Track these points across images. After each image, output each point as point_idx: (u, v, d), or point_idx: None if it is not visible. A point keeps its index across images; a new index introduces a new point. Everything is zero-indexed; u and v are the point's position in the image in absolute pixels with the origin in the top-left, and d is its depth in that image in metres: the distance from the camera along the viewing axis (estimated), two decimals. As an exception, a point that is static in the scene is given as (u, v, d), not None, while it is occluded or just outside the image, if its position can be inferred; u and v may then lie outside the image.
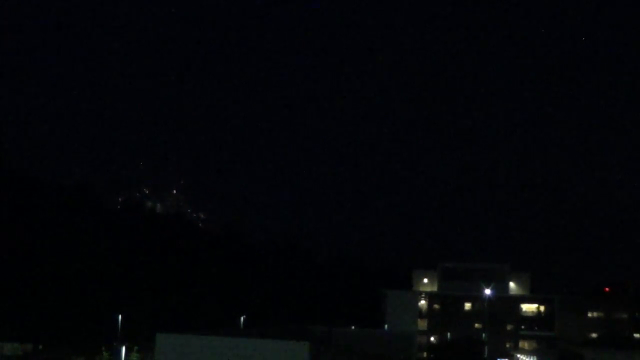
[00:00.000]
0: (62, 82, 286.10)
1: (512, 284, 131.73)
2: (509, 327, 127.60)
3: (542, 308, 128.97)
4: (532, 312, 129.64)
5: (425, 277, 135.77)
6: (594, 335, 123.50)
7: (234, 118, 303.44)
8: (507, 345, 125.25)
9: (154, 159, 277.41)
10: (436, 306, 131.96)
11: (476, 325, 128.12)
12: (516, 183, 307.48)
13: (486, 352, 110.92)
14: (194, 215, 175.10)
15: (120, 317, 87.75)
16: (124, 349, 79.00)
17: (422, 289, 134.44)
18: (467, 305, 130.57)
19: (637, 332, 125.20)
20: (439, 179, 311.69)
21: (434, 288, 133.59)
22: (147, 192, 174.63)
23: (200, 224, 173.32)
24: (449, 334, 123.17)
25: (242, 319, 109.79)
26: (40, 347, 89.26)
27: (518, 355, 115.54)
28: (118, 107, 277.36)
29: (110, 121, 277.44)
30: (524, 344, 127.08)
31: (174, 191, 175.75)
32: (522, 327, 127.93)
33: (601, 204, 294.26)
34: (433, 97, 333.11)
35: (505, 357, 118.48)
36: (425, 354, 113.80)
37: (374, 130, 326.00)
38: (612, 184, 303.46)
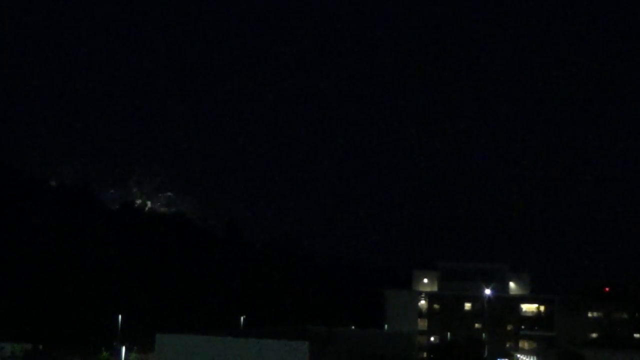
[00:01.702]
0: (60, 81, 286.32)
1: (512, 284, 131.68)
2: (509, 327, 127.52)
3: (542, 308, 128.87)
4: (532, 312, 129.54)
5: (425, 277, 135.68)
6: (594, 335, 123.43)
7: (234, 117, 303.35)
8: (507, 345, 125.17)
9: (154, 159, 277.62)
10: (436, 306, 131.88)
11: (476, 325, 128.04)
12: (516, 183, 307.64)
13: (486, 352, 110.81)
14: (194, 215, 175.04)
15: (120, 317, 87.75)
16: (123, 349, 79.02)
17: (422, 289, 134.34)
18: (467, 305, 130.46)
19: (637, 332, 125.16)
20: (439, 179, 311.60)
21: (434, 288, 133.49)
22: (147, 192, 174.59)
23: (200, 225, 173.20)
24: (449, 334, 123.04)
25: (242, 319, 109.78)
26: (40, 347, 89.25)
27: (518, 355, 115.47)
28: (117, 106, 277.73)
29: (109, 121, 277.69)
30: (524, 344, 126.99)
31: (174, 192, 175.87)
32: (522, 327, 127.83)
33: (601, 204, 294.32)
34: (433, 97, 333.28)
35: (505, 357, 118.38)
36: (425, 354, 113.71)
37: (374, 130, 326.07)
38: (612, 184, 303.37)
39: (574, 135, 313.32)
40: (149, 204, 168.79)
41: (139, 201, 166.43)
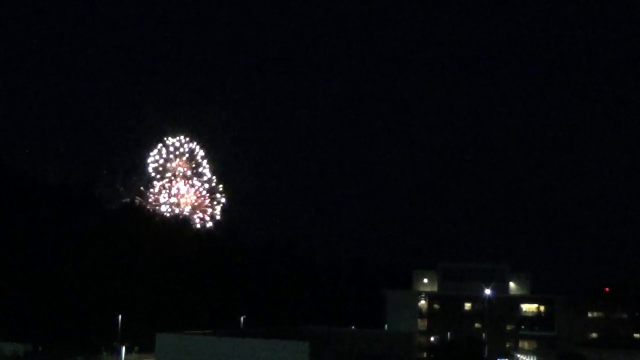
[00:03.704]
0: (57, 82, 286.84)
1: (512, 284, 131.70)
2: (509, 327, 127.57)
3: (542, 308, 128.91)
4: (532, 312, 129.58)
5: (425, 277, 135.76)
6: (594, 335, 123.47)
7: (232, 116, 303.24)
8: (507, 345, 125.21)
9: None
10: (436, 306, 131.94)
11: (476, 325, 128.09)
12: (516, 183, 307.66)
13: (486, 352, 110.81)
14: (194, 215, 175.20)
15: (120, 317, 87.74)
16: (123, 349, 79.09)
17: (422, 289, 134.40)
18: (467, 305, 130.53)
19: (637, 332, 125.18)
20: (439, 179, 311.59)
21: (434, 288, 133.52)
22: (146, 193, 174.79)
23: (199, 225, 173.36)
24: (449, 334, 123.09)
25: (242, 319, 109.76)
26: (40, 347, 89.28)
27: (518, 355, 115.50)
28: (117, 105, 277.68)
29: (108, 123, 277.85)
30: (524, 344, 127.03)
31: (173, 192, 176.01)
32: (522, 327, 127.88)
33: (601, 204, 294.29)
34: (432, 98, 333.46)
35: (505, 357, 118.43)
36: (425, 354, 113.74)
37: (374, 130, 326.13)
38: (612, 184, 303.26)
39: (573, 135, 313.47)
40: (157, 207, 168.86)
41: (140, 203, 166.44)
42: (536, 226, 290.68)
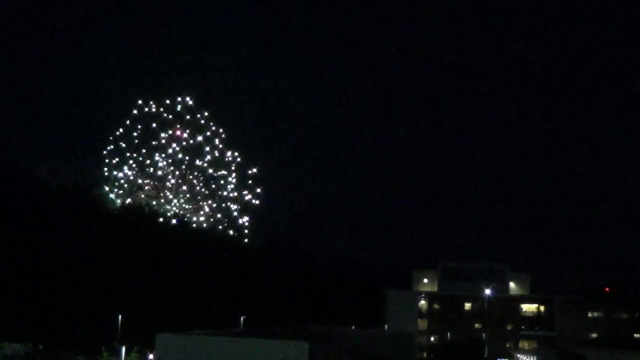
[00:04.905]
0: (57, 82, 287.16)
1: (512, 284, 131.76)
2: (509, 327, 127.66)
3: (542, 308, 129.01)
4: (532, 312, 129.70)
5: (425, 277, 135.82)
6: (594, 335, 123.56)
7: (231, 116, 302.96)
8: (507, 345, 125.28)
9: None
10: (436, 306, 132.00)
11: (476, 325, 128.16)
12: (516, 183, 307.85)
13: (486, 352, 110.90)
14: (193, 215, 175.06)
15: (120, 317, 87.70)
16: (123, 349, 79.08)
17: (422, 289, 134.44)
18: (467, 305, 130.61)
19: (637, 332, 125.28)
20: (439, 179, 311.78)
21: (434, 288, 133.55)
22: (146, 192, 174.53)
23: (199, 224, 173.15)
24: (449, 334, 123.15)
25: (242, 319, 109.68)
26: (41, 347, 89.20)
27: (518, 355, 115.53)
28: (119, 105, 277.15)
29: (109, 120, 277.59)
30: (524, 344, 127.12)
31: (174, 192, 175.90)
32: (522, 327, 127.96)
33: (601, 204, 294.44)
34: (431, 98, 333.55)
35: (505, 357, 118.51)
36: (425, 354, 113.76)
37: (375, 131, 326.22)
38: (612, 184, 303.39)
39: (573, 135, 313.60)
40: (157, 207, 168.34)
41: (140, 202, 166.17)
42: (536, 226, 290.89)
